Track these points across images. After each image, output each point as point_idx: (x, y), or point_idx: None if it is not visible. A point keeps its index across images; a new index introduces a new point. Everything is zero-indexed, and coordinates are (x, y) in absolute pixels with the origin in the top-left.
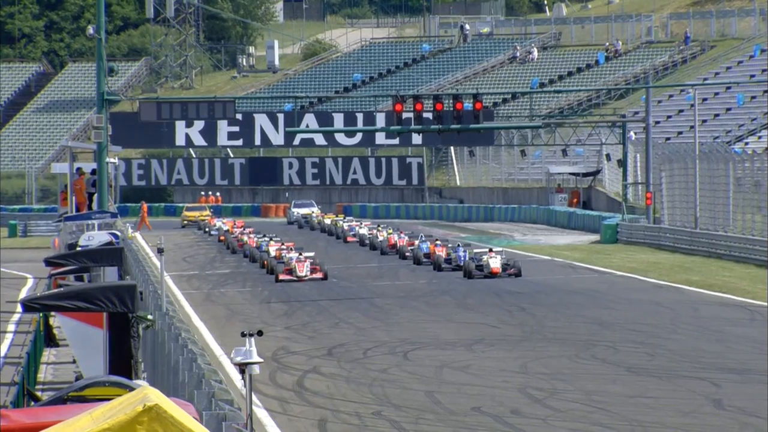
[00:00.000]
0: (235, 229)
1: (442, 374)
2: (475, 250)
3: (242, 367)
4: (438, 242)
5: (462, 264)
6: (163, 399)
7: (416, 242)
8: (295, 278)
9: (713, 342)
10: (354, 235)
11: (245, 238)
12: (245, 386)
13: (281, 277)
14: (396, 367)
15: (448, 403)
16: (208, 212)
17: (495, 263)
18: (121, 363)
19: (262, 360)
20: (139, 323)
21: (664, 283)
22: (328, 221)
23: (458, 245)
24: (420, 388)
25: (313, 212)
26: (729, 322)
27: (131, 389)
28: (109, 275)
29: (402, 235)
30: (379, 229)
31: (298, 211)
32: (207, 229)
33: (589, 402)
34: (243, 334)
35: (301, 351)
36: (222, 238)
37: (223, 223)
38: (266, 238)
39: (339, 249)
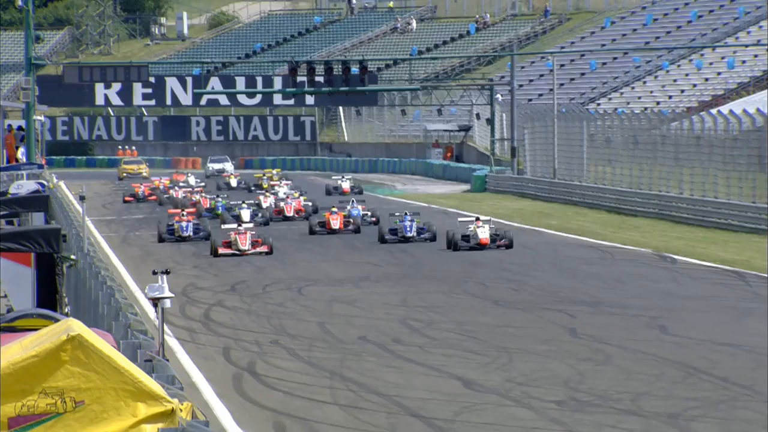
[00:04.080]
0: (180, 185)
1: (332, 308)
2: (460, 219)
3: (155, 302)
4: (347, 208)
5: (408, 235)
6: (85, 329)
7: (348, 207)
8: (237, 252)
9: (569, 278)
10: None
11: (197, 197)
12: (158, 318)
13: (221, 251)
14: (291, 302)
15: (338, 333)
16: (145, 165)
17: (483, 233)
18: (48, 298)
19: (173, 295)
20: (64, 263)
21: (527, 227)
22: (235, 179)
23: (405, 214)
24: (312, 319)
25: (224, 168)
26: (583, 261)
27: (56, 321)
28: (36, 220)
29: (289, 201)
30: (299, 195)
31: (213, 167)
32: (142, 197)
33: (462, 331)
34: (154, 272)
35: (207, 287)
36: (152, 197)
37: (159, 181)
38: (220, 199)
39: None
